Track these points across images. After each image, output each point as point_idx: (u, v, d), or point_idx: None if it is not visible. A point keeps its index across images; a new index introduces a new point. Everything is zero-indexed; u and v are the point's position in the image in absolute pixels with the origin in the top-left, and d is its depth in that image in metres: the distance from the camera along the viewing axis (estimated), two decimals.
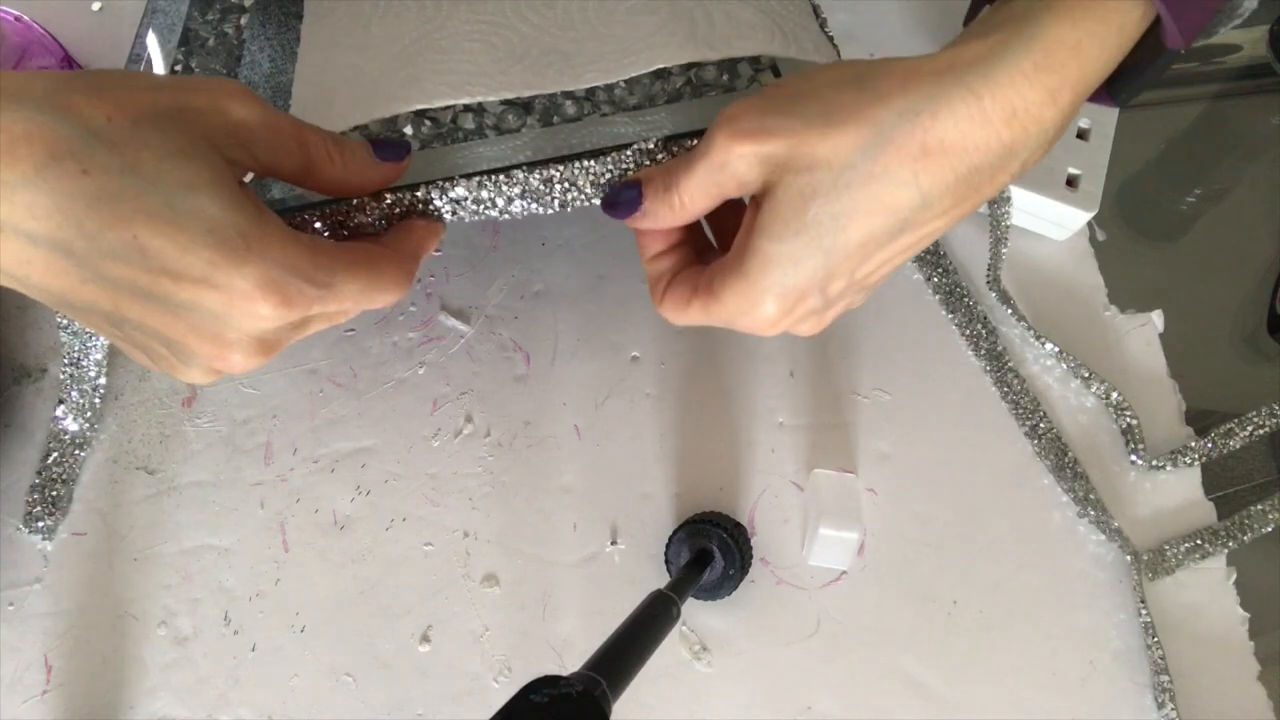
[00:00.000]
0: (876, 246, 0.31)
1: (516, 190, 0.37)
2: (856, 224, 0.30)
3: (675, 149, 0.37)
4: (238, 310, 0.29)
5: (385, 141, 0.35)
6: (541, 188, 0.38)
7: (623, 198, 0.35)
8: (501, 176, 0.37)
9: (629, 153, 0.37)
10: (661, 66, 0.39)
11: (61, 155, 0.26)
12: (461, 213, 0.38)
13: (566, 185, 0.37)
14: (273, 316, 0.29)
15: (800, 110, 0.30)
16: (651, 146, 0.37)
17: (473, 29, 0.42)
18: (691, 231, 0.38)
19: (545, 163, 0.37)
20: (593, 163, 0.37)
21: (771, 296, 0.32)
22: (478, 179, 0.37)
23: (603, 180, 0.38)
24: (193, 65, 0.45)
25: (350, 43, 0.43)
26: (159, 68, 0.45)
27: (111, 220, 0.26)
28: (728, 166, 0.31)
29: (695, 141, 0.37)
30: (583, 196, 0.38)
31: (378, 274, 0.32)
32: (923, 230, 0.31)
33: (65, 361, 0.45)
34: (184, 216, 0.27)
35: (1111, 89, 0.35)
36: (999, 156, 0.29)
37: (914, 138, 0.29)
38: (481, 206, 0.38)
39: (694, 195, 0.33)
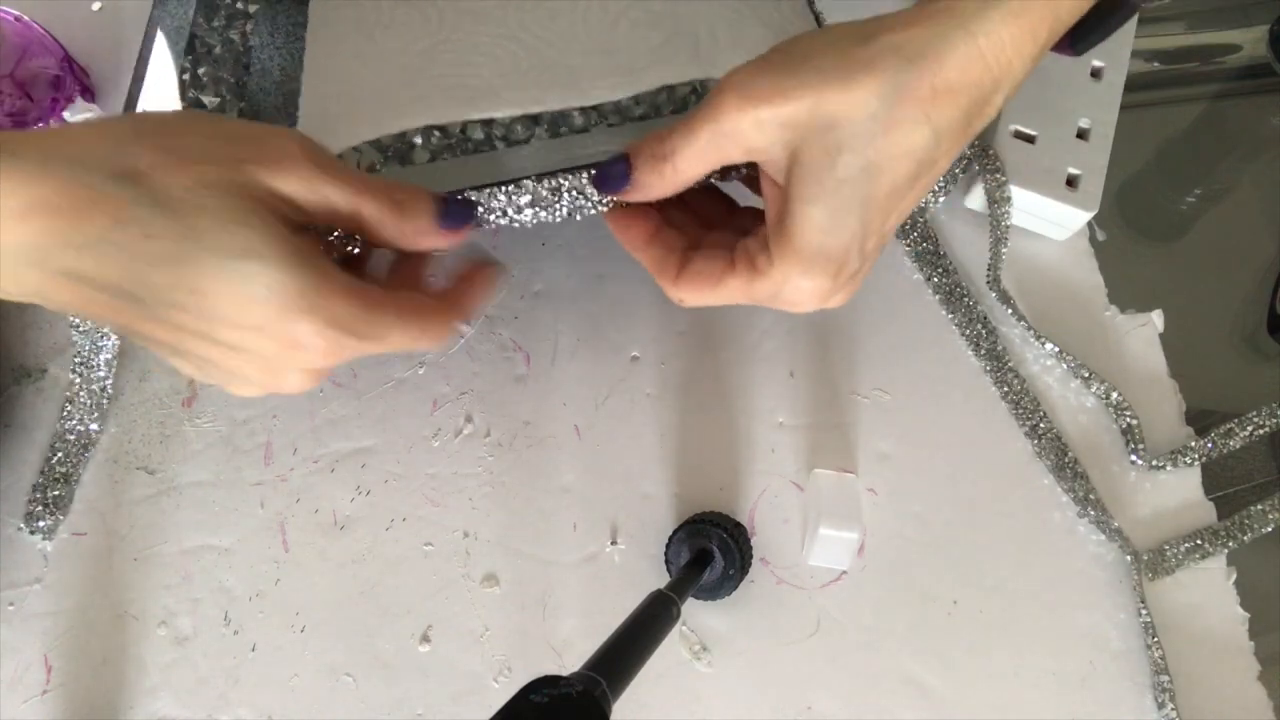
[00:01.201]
0: (899, 196, 0.32)
1: (526, 199, 0.37)
2: (885, 173, 0.31)
3: None
4: (292, 355, 0.31)
5: (452, 206, 0.35)
6: (550, 196, 0.37)
7: (611, 172, 0.35)
8: (511, 186, 0.37)
9: None
10: (666, 84, 0.40)
11: (126, 221, 0.28)
12: None
13: (575, 194, 0.37)
14: (324, 362, 0.32)
15: (814, 68, 0.30)
16: None
17: (478, 41, 0.42)
18: (671, 213, 0.38)
19: (553, 173, 0.37)
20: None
21: (821, 263, 0.32)
22: (489, 189, 0.37)
23: None
24: (200, 74, 0.45)
25: (356, 54, 0.43)
26: (169, 78, 0.45)
27: (175, 280, 0.29)
28: (738, 134, 0.31)
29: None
30: (590, 205, 0.38)
31: (426, 327, 0.34)
32: (932, 172, 0.32)
33: (76, 360, 0.45)
34: (243, 280, 0.29)
35: (1073, 39, 0.36)
36: (989, 91, 0.31)
37: (923, 81, 0.30)
38: (493, 215, 0.38)
39: (690, 162, 0.33)
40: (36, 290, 0.29)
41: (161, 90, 0.45)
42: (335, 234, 0.34)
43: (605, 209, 0.38)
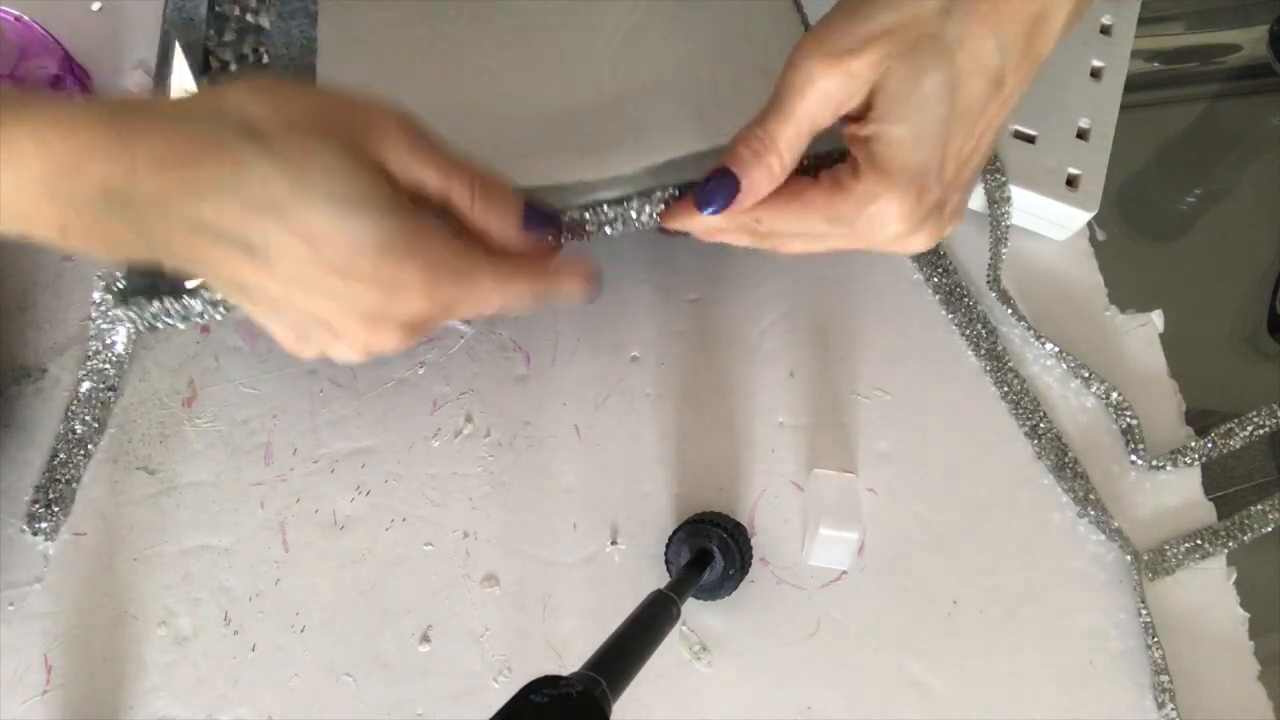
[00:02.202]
0: (975, 115, 0.33)
1: (614, 214, 0.39)
2: (962, 88, 0.32)
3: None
4: (396, 301, 0.32)
5: (534, 210, 0.36)
6: (636, 216, 0.40)
7: (717, 188, 0.35)
8: (607, 206, 0.39)
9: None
10: (676, 156, 0.40)
11: (244, 168, 0.30)
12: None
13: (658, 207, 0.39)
14: (425, 307, 0.33)
15: (884, 5, 0.31)
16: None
17: (495, 104, 0.43)
18: None
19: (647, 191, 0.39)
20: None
21: (904, 180, 0.33)
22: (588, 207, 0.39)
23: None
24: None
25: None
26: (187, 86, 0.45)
27: (289, 225, 0.30)
28: (830, 94, 0.32)
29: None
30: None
31: (517, 282, 0.35)
32: (1002, 93, 0.33)
33: (87, 358, 0.45)
34: (351, 226, 0.31)
35: None
36: (1043, 7, 0.32)
37: None
38: (587, 229, 0.40)
39: (792, 143, 0.34)
40: (164, 241, 0.31)
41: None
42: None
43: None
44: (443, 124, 0.42)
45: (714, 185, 0.35)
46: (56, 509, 0.45)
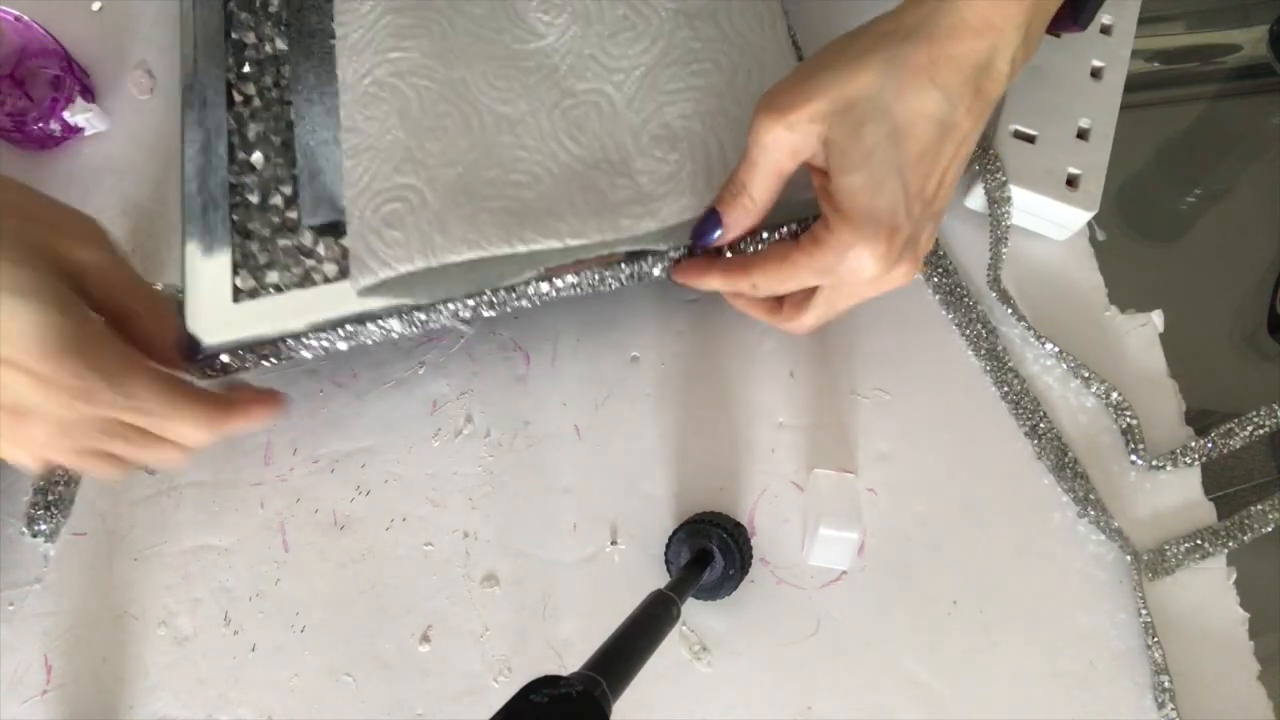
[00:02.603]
0: (931, 159, 0.35)
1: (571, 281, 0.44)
2: (908, 137, 0.35)
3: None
4: (45, 397, 0.33)
5: (183, 340, 0.41)
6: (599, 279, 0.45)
7: (705, 226, 0.41)
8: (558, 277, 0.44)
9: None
10: (686, 219, 0.43)
11: None
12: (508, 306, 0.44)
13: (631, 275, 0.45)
14: (74, 407, 0.33)
15: (824, 66, 0.35)
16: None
17: (517, 157, 0.45)
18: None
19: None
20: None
21: (871, 225, 0.35)
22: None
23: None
24: (248, 135, 0.48)
25: (408, 159, 0.45)
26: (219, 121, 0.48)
27: None
28: (780, 142, 0.36)
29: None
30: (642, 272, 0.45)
31: (180, 404, 0.36)
32: (956, 134, 0.35)
33: None
34: (13, 312, 0.32)
35: (1074, 13, 0.41)
36: (987, 55, 0.34)
37: (920, 52, 0.34)
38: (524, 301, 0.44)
39: (759, 184, 0.38)
40: None
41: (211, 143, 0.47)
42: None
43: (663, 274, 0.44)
44: (464, 173, 0.45)
45: (703, 223, 0.41)
46: (56, 511, 0.45)
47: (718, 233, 0.41)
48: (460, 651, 0.43)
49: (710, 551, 0.41)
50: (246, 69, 0.49)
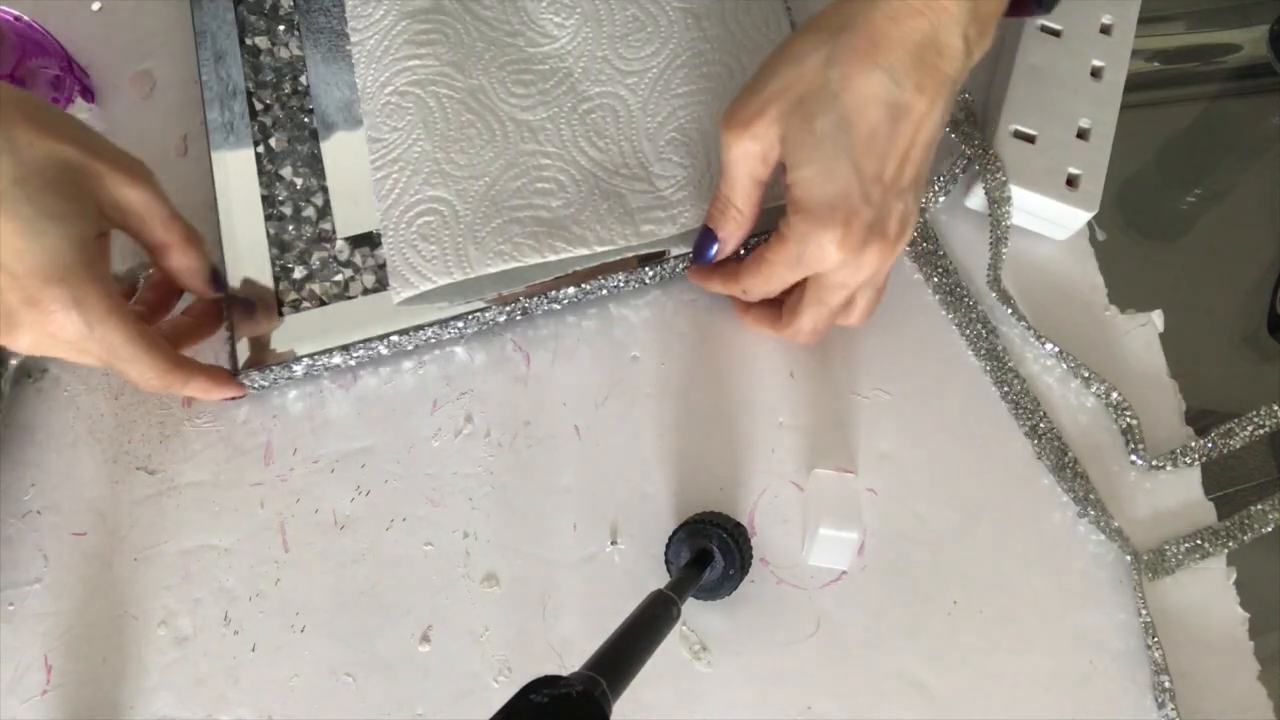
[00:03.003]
0: (884, 139, 0.36)
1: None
2: (857, 121, 0.36)
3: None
4: (29, 316, 0.36)
5: (216, 275, 0.44)
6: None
7: (701, 243, 0.43)
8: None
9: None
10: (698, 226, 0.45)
11: None
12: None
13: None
14: (55, 332, 0.36)
15: (773, 74, 0.37)
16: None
17: (540, 165, 0.46)
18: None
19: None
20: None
21: (826, 211, 0.37)
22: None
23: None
24: (273, 145, 0.49)
25: (432, 170, 0.46)
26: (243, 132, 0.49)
27: None
28: (749, 153, 0.38)
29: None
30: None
31: (143, 357, 0.39)
32: (914, 112, 0.36)
33: None
34: (34, 234, 0.35)
35: None
36: (929, 31, 0.35)
37: (861, 38, 0.35)
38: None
39: (741, 196, 0.40)
40: None
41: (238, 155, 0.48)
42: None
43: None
44: (491, 183, 0.46)
45: (700, 240, 0.43)
46: None
47: (715, 248, 0.43)
48: (460, 651, 0.43)
49: (710, 551, 0.41)
50: (265, 76, 0.49)
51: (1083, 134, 0.48)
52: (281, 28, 0.50)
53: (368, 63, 0.48)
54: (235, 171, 0.48)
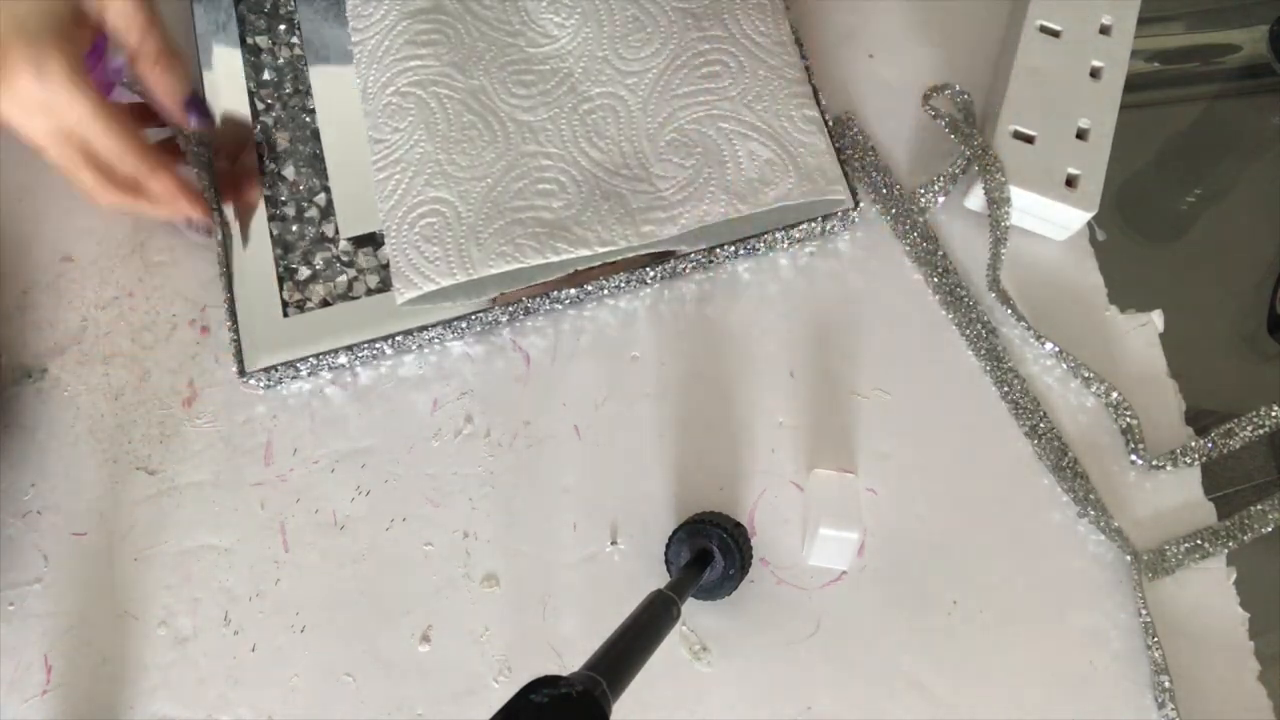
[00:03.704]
0: None
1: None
2: None
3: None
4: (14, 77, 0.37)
5: (195, 101, 0.45)
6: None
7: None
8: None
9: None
10: (706, 223, 0.45)
11: None
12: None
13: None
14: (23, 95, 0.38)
15: None
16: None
17: (541, 166, 0.46)
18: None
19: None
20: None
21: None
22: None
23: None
24: (276, 146, 0.49)
25: (434, 171, 0.46)
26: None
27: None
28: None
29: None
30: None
31: (115, 133, 0.40)
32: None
33: None
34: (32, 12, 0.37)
35: None
36: None
37: None
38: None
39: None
40: None
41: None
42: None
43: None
44: (493, 184, 0.46)
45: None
46: None
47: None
48: (460, 651, 0.43)
49: (710, 551, 0.41)
50: (266, 75, 0.49)
51: (1082, 134, 0.48)
52: (282, 27, 0.50)
53: (369, 62, 0.48)
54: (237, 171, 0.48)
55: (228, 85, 0.49)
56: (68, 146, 0.40)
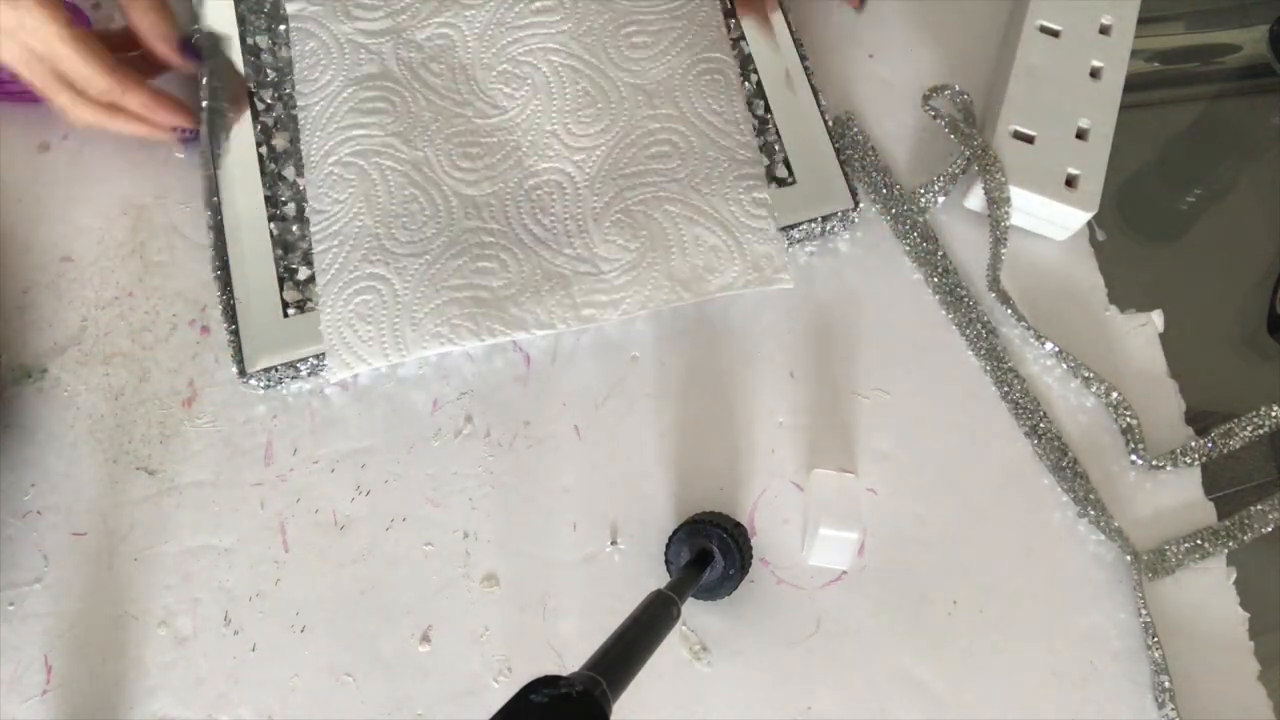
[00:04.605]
0: None
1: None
2: None
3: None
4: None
5: (189, 46, 0.47)
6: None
7: None
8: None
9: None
10: (649, 309, 0.45)
11: None
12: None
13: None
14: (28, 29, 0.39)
15: None
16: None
17: (483, 243, 0.46)
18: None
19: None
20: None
21: None
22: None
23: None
24: (277, 154, 0.48)
25: (372, 246, 0.46)
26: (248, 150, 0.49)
27: None
28: None
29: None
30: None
31: (86, 55, 0.41)
32: None
33: None
34: None
35: None
36: None
37: None
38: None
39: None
40: None
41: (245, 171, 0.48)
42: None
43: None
44: (431, 261, 0.45)
45: None
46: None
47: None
48: (460, 651, 0.43)
49: (710, 551, 0.41)
50: (267, 76, 0.49)
51: (1082, 134, 0.48)
52: (282, 27, 0.50)
53: (312, 129, 0.48)
54: (238, 173, 0.48)
55: (230, 82, 0.49)
56: (41, 68, 0.41)
